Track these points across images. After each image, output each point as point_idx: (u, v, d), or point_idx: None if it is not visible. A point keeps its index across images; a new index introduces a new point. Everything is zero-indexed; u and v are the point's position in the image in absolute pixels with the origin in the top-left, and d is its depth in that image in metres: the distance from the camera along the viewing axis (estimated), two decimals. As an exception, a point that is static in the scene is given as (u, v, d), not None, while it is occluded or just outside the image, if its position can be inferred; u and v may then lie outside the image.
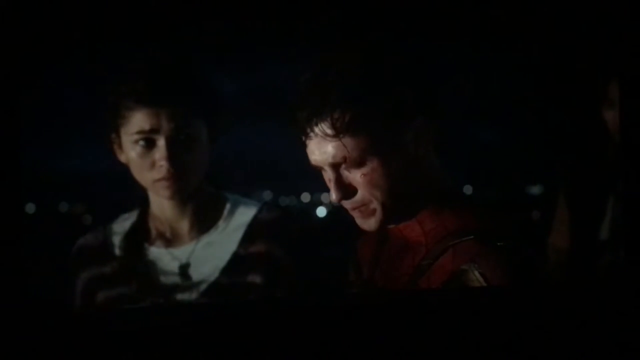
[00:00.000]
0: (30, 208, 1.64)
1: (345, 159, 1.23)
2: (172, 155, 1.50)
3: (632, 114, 1.58)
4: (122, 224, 1.62)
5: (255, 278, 1.55)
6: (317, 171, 1.34)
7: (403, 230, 1.31)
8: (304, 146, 1.29)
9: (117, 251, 1.59)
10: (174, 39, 1.59)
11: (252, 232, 1.58)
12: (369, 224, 1.28)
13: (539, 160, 1.68)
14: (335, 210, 1.73)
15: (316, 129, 1.23)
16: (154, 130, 1.50)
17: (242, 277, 1.55)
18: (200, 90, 1.55)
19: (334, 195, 1.27)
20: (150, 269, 1.58)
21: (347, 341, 1.56)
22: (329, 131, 1.22)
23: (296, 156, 1.61)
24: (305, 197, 1.74)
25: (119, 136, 1.54)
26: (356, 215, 1.29)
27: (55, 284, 1.61)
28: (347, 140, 1.22)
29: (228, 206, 1.60)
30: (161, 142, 1.50)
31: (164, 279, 1.57)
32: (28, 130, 1.58)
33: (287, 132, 1.60)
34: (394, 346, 1.55)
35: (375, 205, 1.26)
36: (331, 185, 1.27)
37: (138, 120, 1.50)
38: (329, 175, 1.27)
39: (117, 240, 1.60)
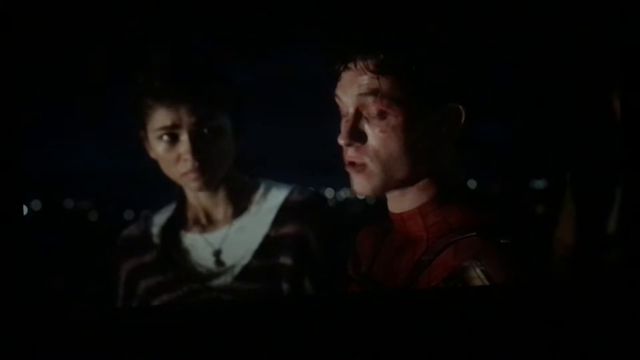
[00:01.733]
0: (36, 205, 1.62)
1: (376, 92, 1.19)
2: (196, 149, 1.49)
3: (634, 106, 1.54)
4: (163, 215, 1.62)
5: (286, 259, 1.53)
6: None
7: (406, 222, 1.26)
8: (336, 80, 1.25)
9: (156, 240, 1.59)
10: (187, 32, 1.56)
11: (283, 214, 1.57)
12: (362, 186, 1.24)
13: (545, 153, 1.65)
14: (339, 206, 1.72)
15: (359, 63, 1.20)
16: (176, 126, 1.49)
17: (274, 259, 1.54)
18: (219, 81, 1.54)
19: (342, 137, 1.23)
20: (186, 255, 1.58)
21: (346, 340, 1.53)
22: (372, 66, 1.19)
23: (300, 151, 1.60)
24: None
25: (146, 133, 1.53)
26: (352, 172, 1.25)
27: (59, 282, 1.59)
28: (384, 80, 1.19)
29: (261, 190, 1.60)
30: (184, 137, 1.49)
31: (198, 265, 1.57)
32: (34, 126, 1.54)
33: (293, 125, 1.62)
34: (393, 345, 1.52)
35: (374, 168, 1.22)
36: (346, 126, 1.23)
37: (159, 117, 1.49)
38: (348, 117, 1.23)
39: (156, 230, 1.60)
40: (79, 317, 1.54)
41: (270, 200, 1.59)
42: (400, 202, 1.26)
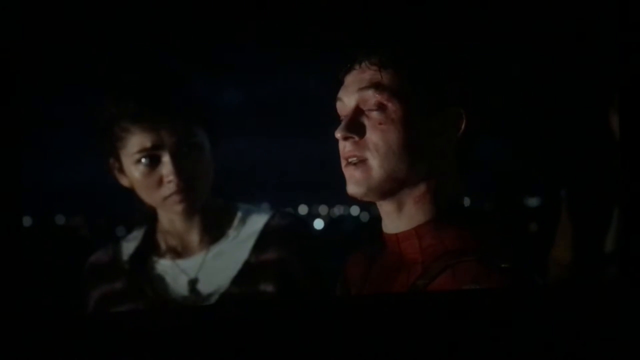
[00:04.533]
0: (27, 221, 1.56)
1: (377, 85, 1.16)
2: (180, 169, 1.40)
3: (633, 121, 1.50)
4: (132, 240, 1.52)
5: (267, 287, 1.44)
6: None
7: (401, 243, 1.19)
8: (340, 84, 1.22)
9: (126, 267, 1.49)
10: (159, 49, 1.49)
11: (264, 240, 1.48)
12: (359, 183, 1.17)
13: (540, 171, 1.61)
14: (332, 223, 1.67)
15: (364, 61, 1.19)
16: (157, 147, 1.40)
17: (254, 286, 1.45)
18: (194, 97, 1.45)
19: (340, 130, 1.18)
20: (160, 282, 1.48)
21: (338, 344, 1.47)
22: (375, 61, 1.18)
23: (294, 168, 1.55)
24: (303, 209, 1.68)
25: (118, 160, 1.44)
26: (351, 170, 1.19)
27: (53, 295, 1.52)
28: (386, 74, 1.17)
29: (239, 215, 1.50)
30: (166, 158, 1.40)
31: (173, 293, 1.47)
32: (26, 142, 1.47)
33: (286, 142, 1.57)
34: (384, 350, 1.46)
35: (373, 162, 1.16)
36: (345, 120, 1.19)
37: (138, 140, 1.40)
38: (348, 112, 1.19)
39: (126, 256, 1.50)
40: (71, 327, 1.48)
41: (250, 226, 1.49)
42: (397, 221, 1.19)
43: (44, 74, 1.49)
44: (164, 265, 1.49)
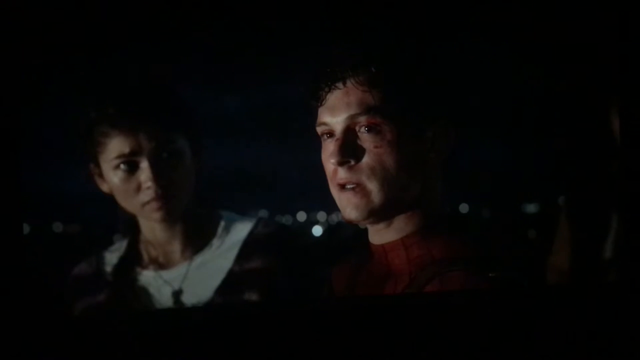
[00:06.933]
0: (25, 228, 1.55)
1: (369, 108, 1.12)
2: (158, 175, 1.38)
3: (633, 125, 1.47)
4: (115, 252, 1.50)
5: (252, 295, 1.42)
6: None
7: (388, 254, 1.16)
8: (320, 103, 1.16)
9: (110, 278, 1.47)
10: (141, 55, 1.47)
11: (248, 249, 1.45)
12: (358, 208, 1.13)
13: (539, 177, 1.58)
14: (331, 229, 1.65)
15: (349, 81, 1.13)
16: (135, 152, 1.38)
17: (238, 295, 1.43)
18: (174, 103, 1.43)
19: (334, 155, 1.13)
20: (143, 294, 1.46)
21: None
22: (364, 81, 1.12)
23: (293, 174, 1.53)
24: (302, 216, 1.66)
25: (98, 165, 1.42)
26: (348, 196, 1.14)
27: (49, 303, 1.51)
28: (377, 94, 1.12)
29: (222, 224, 1.48)
30: (144, 164, 1.38)
31: (157, 304, 1.46)
32: (24, 150, 1.48)
33: (285, 149, 1.55)
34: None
35: (371, 186, 1.12)
36: (337, 144, 1.13)
37: (116, 145, 1.38)
38: (338, 136, 1.14)
39: (109, 268, 1.48)
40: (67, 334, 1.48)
41: (234, 235, 1.47)
42: (385, 233, 1.17)
43: (38, 82, 1.47)
44: (147, 277, 1.47)
